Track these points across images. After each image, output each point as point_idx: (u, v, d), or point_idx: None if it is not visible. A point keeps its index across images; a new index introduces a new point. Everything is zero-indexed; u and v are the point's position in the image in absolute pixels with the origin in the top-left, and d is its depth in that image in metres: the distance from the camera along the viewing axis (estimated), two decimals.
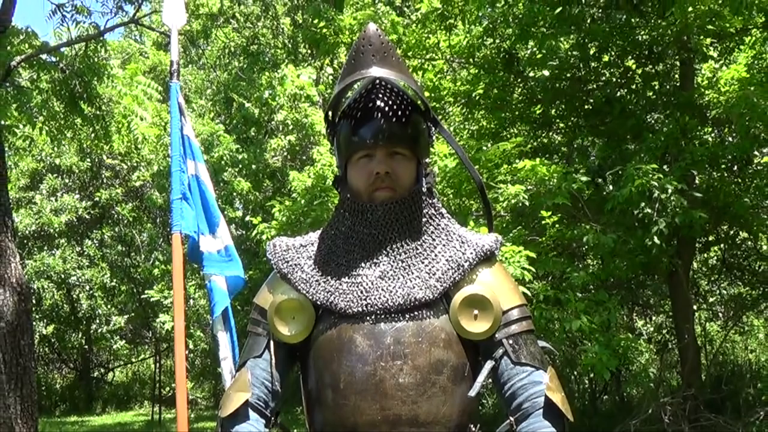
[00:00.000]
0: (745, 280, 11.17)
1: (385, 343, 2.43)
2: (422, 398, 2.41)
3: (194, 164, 4.93)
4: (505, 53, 9.64)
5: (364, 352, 2.44)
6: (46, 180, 19.87)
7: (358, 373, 2.43)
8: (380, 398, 2.40)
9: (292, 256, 2.63)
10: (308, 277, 2.56)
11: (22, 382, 8.41)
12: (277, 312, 2.54)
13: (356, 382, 2.43)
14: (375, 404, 2.40)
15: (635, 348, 10.17)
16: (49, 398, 21.17)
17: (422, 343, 2.44)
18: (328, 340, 2.49)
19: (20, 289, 8.60)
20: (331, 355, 2.48)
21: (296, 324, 2.53)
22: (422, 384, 2.42)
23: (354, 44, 2.60)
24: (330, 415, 2.48)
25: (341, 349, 2.46)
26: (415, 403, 2.40)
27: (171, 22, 5.05)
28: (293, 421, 3.37)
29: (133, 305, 20.85)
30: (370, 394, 2.41)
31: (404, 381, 2.41)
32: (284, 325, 2.54)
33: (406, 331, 2.45)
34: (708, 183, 8.62)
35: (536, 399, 2.46)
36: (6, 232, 8.56)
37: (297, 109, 15.34)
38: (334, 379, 2.46)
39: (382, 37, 2.55)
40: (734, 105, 8.24)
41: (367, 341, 2.44)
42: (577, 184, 7.70)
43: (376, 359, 2.42)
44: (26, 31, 9.58)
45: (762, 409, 8.92)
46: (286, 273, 2.60)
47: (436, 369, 2.44)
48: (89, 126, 10.55)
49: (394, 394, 2.40)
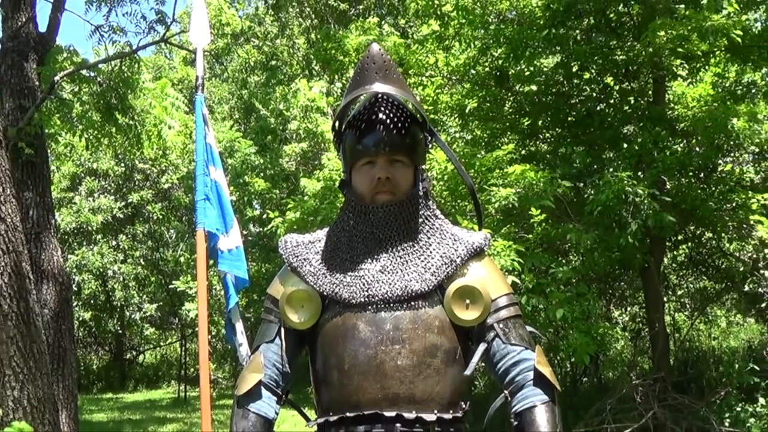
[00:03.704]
0: (709, 275, 11.18)
1: (385, 330, 2.47)
2: (418, 378, 2.45)
3: (214, 170, 4.95)
4: (496, 71, 9.65)
5: (366, 338, 2.47)
6: (85, 182, 19.89)
7: (360, 356, 2.46)
8: (381, 378, 2.44)
9: (301, 251, 2.66)
10: (316, 271, 2.59)
11: (64, 362, 8.43)
12: (288, 301, 2.57)
13: (359, 364, 2.46)
14: (376, 384, 2.44)
15: (612, 335, 10.15)
16: (88, 377, 21.18)
17: (418, 330, 2.47)
18: (334, 326, 2.52)
19: (61, 279, 8.61)
20: (337, 340, 2.51)
21: (305, 312, 2.56)
22: (418, 366, 2.46)
23: (359, 62, 2.64)
24: (336, 394, 2.51)
25: (345, 335, 2.49)
26: (412, 383, 2.44)
27: (197, 41, 5.07)
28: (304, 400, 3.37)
29: (162, 295, 20.93)
30: (371, 375, 2.44)
31: (402, 363, 2.45)
32: (294, 313, 2.56)
33: (404, 318, 2.47)
34: (677, 188, 8.62)
35: (527, 372, 2.51)
36: (49, 229, 8.57)
37: (309, 119, 15.39)
38: (339, 362, 2.49)
39: (384, 55, 2.59)
40: (700, 119, 8.26)
41: (369, 328, 2.47)
42: (561, 188, 7.71)
43: (377, 344, 2.46)
44: (68, 49, 9.60)
45: (723, 390, 8.93)
46: (296, 266, 2.63)
47: (431, 353, 2.48)
48: (123, 134, 10.57)
49: (393, 375, 2.44)
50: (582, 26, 9.29)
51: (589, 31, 9.21)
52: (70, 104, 9.73)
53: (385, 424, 2.43)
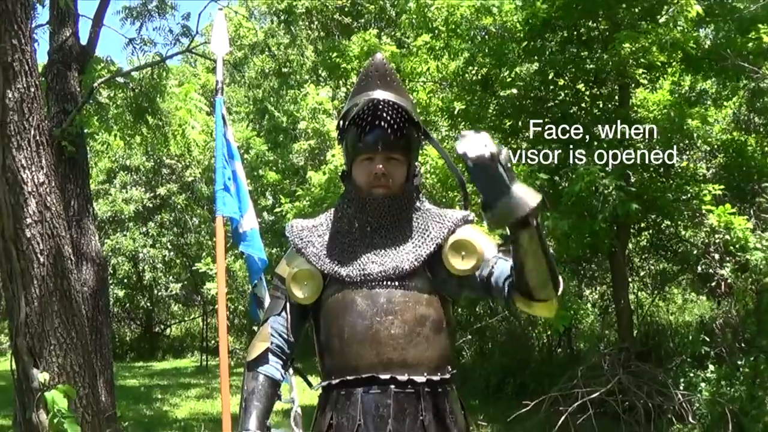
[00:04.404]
0: (667, 258, 11.19)
1: (380, 303, 2.50)
2: (410, 345, 2.48)
3: (232, 162, 4.97)
4: (482, 77, 9.66)
5: (363, 310, 2.50)
6: (119, 176, 20.01)
7: (358, 326, 2.50)
8: (376, 346, 2.48)
9: (305, 234, 2.69)
10: (318, 252, 2.62)
11: (100, 334, 8.47)
12: (293, 279, 2.60)
13: (357, 334, 2.50)
14: (372, 351, 2.48)
15: (583, 311, 10.22)
16: (121, 348, 21.21)
17: (409, 303, 2.50)
18: (335, 301, 2.56)
19: (98, 261, 8.65)
20: (337, 313, 2.55)
21: (308, 289, 2.59)
22: (409, 334, 2.49)
23: (364, 68, 2.67)
24: (337, 360, 2.55)
25: (345, 308, 2.53)
26: (404, 349, 2.48)
27: (217, 50, 5.09)
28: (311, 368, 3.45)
29: (186, 275, 20.97)
30: (368, 343, 2.48)
31: (395, 332, 2.48)
32: (299, 289, 2.60)
33: (396, 293, 2.51)
34: (640, 181, 8.65)
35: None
36: (88, 216, 8.61)
37: (316, 120, 15.40)
38: (339, 332, 2.53)
39: (386, 65, 2.63)
40: (659, 121, 8.30)
41: (366, 302, 2.51)
42: (539, 180, 7.73)
43: (373, 315, 2.49)
44: (106, 59, 9.66)
45: (678, 358, 8.98)
46: (300, 248, 2.66)
47: (420, 322, 2.51)
48: (152, 133, 10.61)
49: (387, 342, 2.47)
50: (557, 39, 9.30)
51: (563, 43, 9.21)
52: (107, 107, 9.81)
53: (380, 385, 2.47)
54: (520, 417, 8.36)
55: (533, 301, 2.36)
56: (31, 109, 5.11)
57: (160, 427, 10.08)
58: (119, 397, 9.88)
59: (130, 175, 20.23)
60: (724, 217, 7.34)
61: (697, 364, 8.81)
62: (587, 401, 8.16)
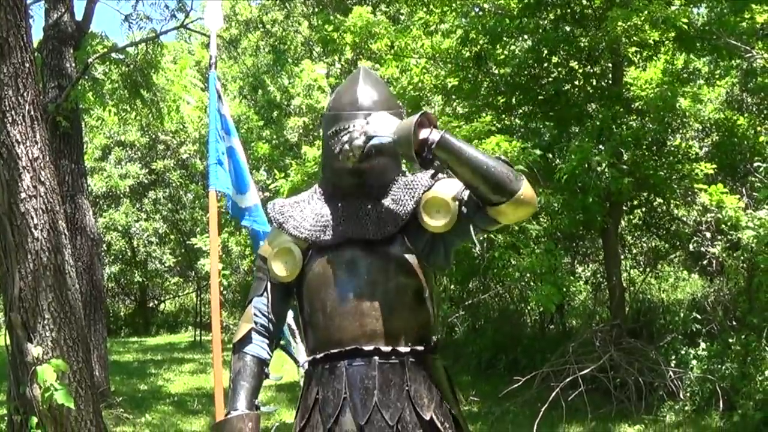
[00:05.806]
0: (660, 236, 11.23)
1: (360, 273, 2.54)
2: (392, 316, 2.51)
3: (229, 138, 4.99)
4: (475, 54, 9.65)
5: (345, 282, 2.54)
6: (114, 152, 20.08)
7: (341, 298, 2.53)
8: (359, 317, 2.51)
9: (286, 210, 2.74)
10: (298, 224, 2.66)
11: (95, 309, 8.56)
12: (274, 258, 2.64)
13: (339, 306, 2.53)
14: (355, 322, 2.51)
15: (576, 288, 10.32)
16: (116, 323, 21.26)
17: (389, 273, 2.54)
18: (316, 275, 2.60)
19: (93, 236, 8.72)
20: (319, 288, 2.58)
21: (289, 266, 2.62)
22: (392, 303, 2.52)
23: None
24: (321, 334, 2.59)
25: (327, 282, 2.57)
26: (387, 320, 2.50)
27: (210, 25, 5.11)
28: None
29: (180, 250, 21.04)
30: (350, 315, 2.51)
31: (377, 302, 2.51)
32: (281, 267, 2.63)
33: (377, 264, 2.54)
34: (632, 159, 8.66)
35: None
36: (82, 192, 8.67)
37: (311, 96, 15.40)
38: (322, 305, 2.57)
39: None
40: (652, 99, 8.31)
41: (347, 274, 2.55)
42: (532, 157, 7.75)
43: (355, 287, 2.53)
44: (100, 35, 9.67)
45: (669, 335, 9.02)
46: (281, 222, 2.71)
47: (402, 292, 2.54)
48: (147, 109, 10.63)
49: (370, 313, 2.50)
50: (550, 16, 9.30)
51: (556, 21, 9.21)
52: (102, 83, 9.85)
53: (364, 357, 2.49)
54: (511, 393, 8.41)
55: (495, 206, 2.40)
56: (26, 85, 5.14)
57: (154, 402, 10.13)
58: (113, 372, 9.96)
59: (126, 151, 20.28)
60: (716, 196, 7.35)
61: (688, 342, 8.87)
62: (579, 377, 8.20)
